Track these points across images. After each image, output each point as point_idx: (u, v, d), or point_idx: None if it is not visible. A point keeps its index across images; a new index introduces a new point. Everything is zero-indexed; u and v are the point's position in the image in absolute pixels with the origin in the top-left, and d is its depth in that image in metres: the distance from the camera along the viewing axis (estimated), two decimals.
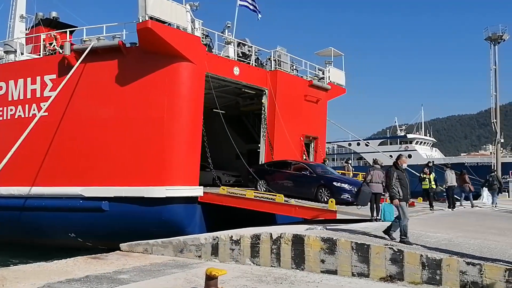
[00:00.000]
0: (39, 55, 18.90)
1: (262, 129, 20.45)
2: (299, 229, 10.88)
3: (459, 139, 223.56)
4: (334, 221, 13.19)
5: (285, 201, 15.04)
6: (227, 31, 20.10)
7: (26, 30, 22.31)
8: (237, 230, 11.59)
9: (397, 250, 8.70)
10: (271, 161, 19.08)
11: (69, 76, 15.91)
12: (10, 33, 22.95)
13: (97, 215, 16.11)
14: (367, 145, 62.71)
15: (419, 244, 9.40)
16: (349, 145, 72.88)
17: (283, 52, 21.23)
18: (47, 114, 16.26)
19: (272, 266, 10.12)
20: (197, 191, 16.43)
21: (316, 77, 23.08)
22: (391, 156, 46.49)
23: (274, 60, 20.75)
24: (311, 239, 9.71)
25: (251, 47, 20.44)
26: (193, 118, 16.44)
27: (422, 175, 19.50)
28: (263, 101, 20.36)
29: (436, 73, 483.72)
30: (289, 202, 14.99)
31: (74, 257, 11.05)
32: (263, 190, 17.10)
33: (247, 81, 19.34)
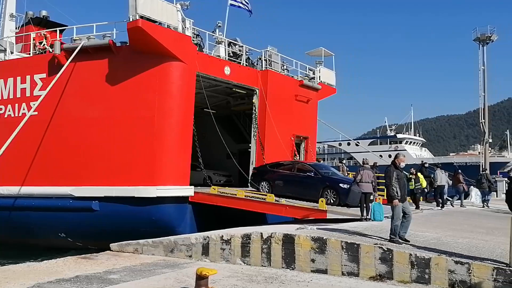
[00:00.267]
0: (29, 54, 18.74)
1: (253, 129, 20.48)
2: (290, 229, 10.93)
3: (448, 139, 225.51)
4: (324, 221, 13.27)
5: (276, 200, 15.08)
6: (218, 30, 20.09)
7: (16, 29, 22.08)
8: (228, 230, 11.61)
9: (386, 249, 8.78)
10: (274, 162, 18.78)
11: (59, 75, 15.82)
12: None
13: (87, 215, 16.03)
14: (357, 145, 63.18)
15: (408, 243, 9.49)
16: (340, 145, 73.36)
17: (273, 52, 21.27)
18: (37, 113, 16.10)
19: (262, 265, 10.15)
20: (187, 191, 16.41)
21: (306, 77, 23.16)
22: (381, 156, 46.90)
23: (265, 59, 20.78)
24: (301, 239, 9.76)
25: (242, 46, 20.45)
26: (183, 117, 16.41)
27: (408, 175, 19.67)
28: (254, 100, 20.38)
29: (425, 73, 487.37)
30: (280, 201, 15.03)
31: (64, 257, 11.03)
32: (265, 191, 16.72)
33: (238, 80, 19.35)
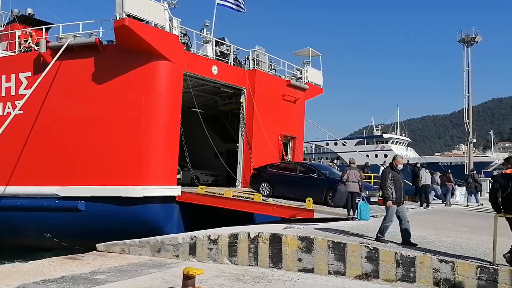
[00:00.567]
0: (14, 52, 18.46)
1: (240, 129, 20.48)
2: (277, 228, 10.96)
3: (433, 139, 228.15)
4: (311, 220, 13.34)
5: (263, 200, 15.12)
6: (205, 30, 20.04)
7: (1, 27, 21.81)
8: (215, 229, 11.61)
9: (372, 248, 8.86)
10: (275, 162, 18.63)
11: (44, 73, 15.65)
12: None
13: (73, 215, 15.88)
14: (344, 145, 63.56)
15: (394, 242, 9.59)
16: (327, 144, 73.72)
17: (261, 51, 21.30)
18: (22, 112, 15.96)
19: (249, 265, 10.18)
20: (175, 191, 16.36)
21: (294, 77, 23.24)
22: (367, 155, 47.25)
23: (252, 59, 20.80)
24: (288, 238, 9.81)
25: (230, 46, 20.45)
26: (171, 117, 16.36)
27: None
28: (241, 100, 20.40)
29: (411, 73, 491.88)
30: (267, 201, 15.07)
31: (49, 258, 10.91)
32: (266, 193, 16.56)
33: (226, 80, 19.34)
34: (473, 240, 10.57)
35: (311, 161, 24.30)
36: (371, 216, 13.46)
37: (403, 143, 74.58)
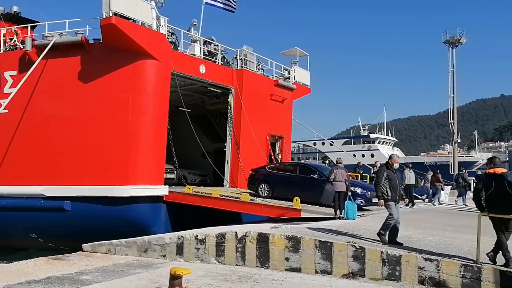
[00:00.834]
0: None
1: (228, 128, 20.47)
2: (264, 228, 10.99)
3: (419, 139, 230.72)
4: (299, 220, 13.39)
5: (251, 199, 15.14)
6: (193, 29, 19.99)
7: None
8: (203, 229, 11.60)
9: (359, 247, 8.94)
10: (274, 163, 18.39)
11: (30, 72, 15.47)
12: None
13: (59, 215, 15.71)
14: (331, 145, 63.86)
15: (380, 241, 9.68)
16: (314, 144, 74.03)
17: (249, 51, 21.31)
18: (7, 111, 15.76)
19: (237, 264, 10.19)
20: (162, 190, 16.29)
21: (282, 77, 23.29)
22: (354, 155, 47.55)
23: (240, 59, 20.80)
24: (275, 238, 9.84)
25: (217, 45, 20.43)
26: (158, 116, 16.28)
27: (372, 174, 20.19)
28: (229, 100, 20.39)
29: (398, 73, 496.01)
30: (255, 201, 15.10)
31: (35, 258, 10.79)
32: (265, 194, 16.45)
33: (213, 79, 19.32)
34: (457, 239, 10.71)
35: (300, 160, 24.44)
36: (358, 215, 13.57)
37: (390, 143, 75.24)
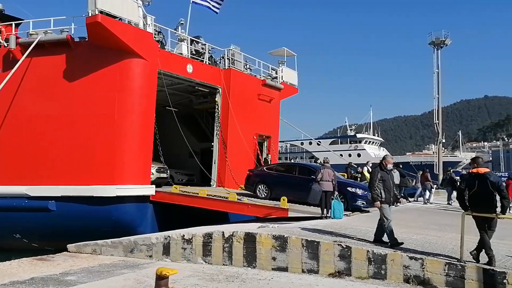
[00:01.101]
0: None
1: (215, 128, 20.43)
2: (251, 228, 10.99)
3: (404, 139, 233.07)
4: (286, 219, 13.42)
5: (238, 199, 15.13)
6: (180, 28, 19.93)
7: None
8: (189, 229, 11.56)
9: (345, 246, 8.98)
10: (273, 163, 18.24)
11: (14, 70, 15.27)
12: None
13: (43, 215, 15.53)
14: (318, 144, 64.16)
15: (366, 240, 9.74)
16: (302, 144, 74.23)
17: (236, 50, 21.31)
18: None
19: (224, 264, 10.18)
20: (148, 190, 16.21)
21: (269, 77, 23.33)
22: (341, 155, 47.79)
23: (227, 58, 20.79)
24: (262, 237, 9.84)
25: (205, 45, 20.38)
26: (144, 115, 16.19)
27: (355, 174, 20.38)
28: (216, 99, 20.36)
29: (384, 73, 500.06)
30: (242, 200, 15.10)
31: (19, 259, 10.65)
32: (263, 195, 16.30)
33: (201, 79, 19.28)
34: (442, 237, 10.82)
35: (287, 160, 24.58)
36: (345, 215, 13.66)
37: (376, 142, 75.80)
